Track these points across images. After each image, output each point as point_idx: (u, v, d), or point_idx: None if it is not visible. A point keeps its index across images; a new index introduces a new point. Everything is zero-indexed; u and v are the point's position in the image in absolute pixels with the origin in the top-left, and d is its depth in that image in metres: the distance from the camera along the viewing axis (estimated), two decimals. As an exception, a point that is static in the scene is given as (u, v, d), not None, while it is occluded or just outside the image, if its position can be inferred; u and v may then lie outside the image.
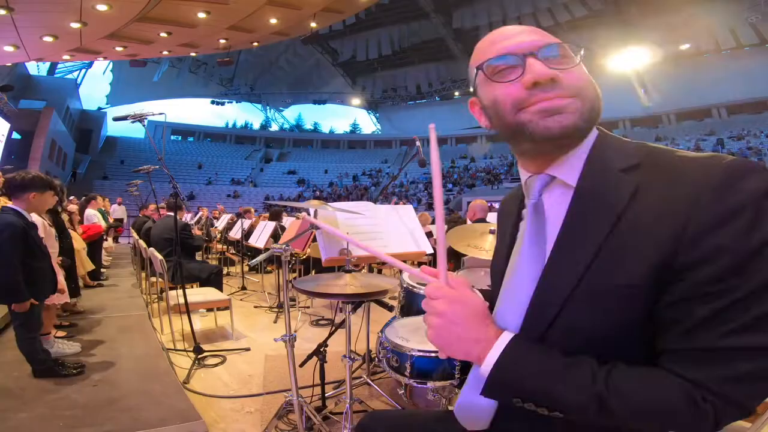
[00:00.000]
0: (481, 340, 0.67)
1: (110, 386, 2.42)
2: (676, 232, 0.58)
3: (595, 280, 0.64)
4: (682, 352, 0.60)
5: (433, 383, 1.63)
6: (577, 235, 0.67)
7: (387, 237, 2.35)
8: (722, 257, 0.56)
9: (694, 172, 0.60)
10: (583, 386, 0.61)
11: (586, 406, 0.61)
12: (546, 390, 0.63)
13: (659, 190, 0.62)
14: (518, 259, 0.77)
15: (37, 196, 2.53)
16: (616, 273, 0.62)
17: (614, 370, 0.61)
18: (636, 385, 0.60)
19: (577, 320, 0.65)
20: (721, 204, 0.57)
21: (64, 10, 9.45)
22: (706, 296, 0.57)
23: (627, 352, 0.64)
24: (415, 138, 2.82)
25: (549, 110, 0.65)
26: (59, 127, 22.96)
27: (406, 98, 37.18)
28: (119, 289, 5.40)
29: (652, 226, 0.60)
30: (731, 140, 21.84)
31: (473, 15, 27.81)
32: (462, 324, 0.67)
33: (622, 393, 0.59)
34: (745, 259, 0.56)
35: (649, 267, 0.60)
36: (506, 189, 23.90)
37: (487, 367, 0.65)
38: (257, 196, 27.68)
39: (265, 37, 14.39)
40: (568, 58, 0.68)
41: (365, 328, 2.71)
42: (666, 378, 0.59)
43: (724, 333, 0.57)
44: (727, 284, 0.56)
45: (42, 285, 2.48)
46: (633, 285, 0.61)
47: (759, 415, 1.03)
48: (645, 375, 0.61)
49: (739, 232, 0.56)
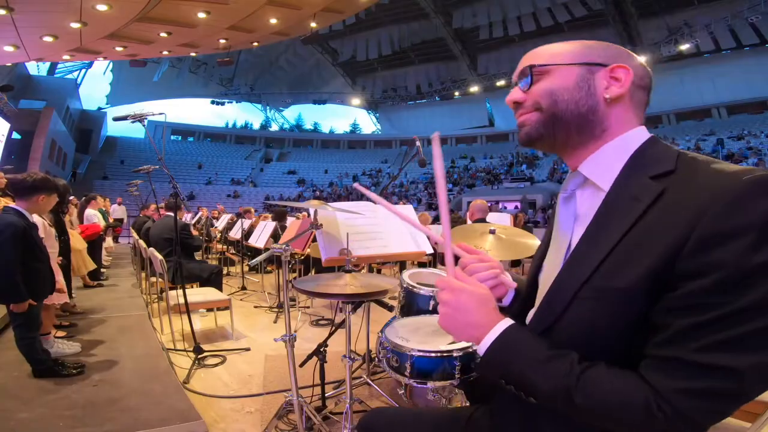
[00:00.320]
0: (482, 326, 0.73)
1: (110, 386, 2.42)
2: (678, 241, 0.60)
3: (600, 280, 0.67)
4: (656, 358, 0.62)
5: (433, 383, 1.63)
6: (596, 236, 0.70)
7: (387, 237, 2.36)
8: (714, 273, 0.57)
9: (715, 184, 0.61)
10: (556, 377, 0.65)
11: (555, 396, 0.65)
12: (524, 375, 0.69)
13: (678, 198, 0.63)
14: (549, 250, 0.86)
15: (45, 199, 2.55)
16: (620, 275, 0.65)
17: (592, 368, 0.65)
18: (603, 384, 0.63)
19: (580, 317, 0.69)
20: (726, 220, 0.58)
21: (64, 10, 9.44)
22: (690, 308, 0.59)
23: (621, 354, 0.65)
24: (415, 138, 2.82)
25: (518, 125, 0.80)
26: (59, 127, 22.94)
27: (406, 98, 37.15)
28: (119, 289, 5.40)
29: (661, 232, 0.62)
30: (731, 140, 21.80)
31: (473, 15, 27.77)
32: (465, 311, 0.75)
33: (587, 389, 0.63)
34: (735, 278, 0.56)
35: (648, 272, 0.62)
36: (506, 189, 23.89)
37: (482, 348, 0.73)
38: (257, 196, 27.67)
39: (265, 37, 14.39)
40: (539, 76, 0.76)
41: (365, 328, 2.72)
42: (634, 382, 0.62)
43: (696, 348, 0.58)
44: (712, 300, 0.58)
45: (41, 286, 2.48)
46: (631, 288, 0.63)
47: (759, 415, 1.03)
48: (616, 376, 0.63)
49: (736, 251, 0.56)
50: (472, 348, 0.79)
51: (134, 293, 5.11)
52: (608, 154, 0.73)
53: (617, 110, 0.74)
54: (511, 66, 29.54)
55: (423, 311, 2.16)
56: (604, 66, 0.73)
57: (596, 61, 0.73)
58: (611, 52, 0.75)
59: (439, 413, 1.06)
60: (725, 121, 25.11)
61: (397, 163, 33.63)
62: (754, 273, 0.56)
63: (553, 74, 0.75)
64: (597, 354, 0.66)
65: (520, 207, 21.29)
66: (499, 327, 0.73)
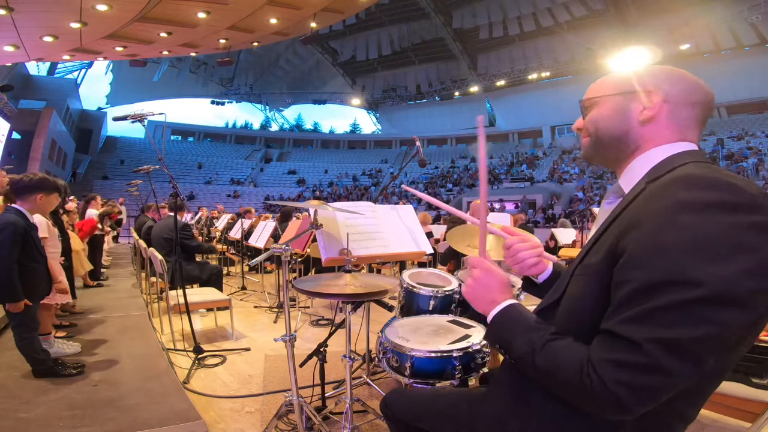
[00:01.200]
0: (494, 302, 0.90)
1: (110, 386, 2.42)
2: (626, 225, 0.72)
3: (587, 259, 0.81)
4: (601, 330, 0.71)
5: (433, 383, 1.63)
6: (598, 229, 0.83)
7: (387, 237, 2.35)
8: (629, 249, 0.68)
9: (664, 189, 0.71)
10: (528, 343, 0.79)
11: (524, 358, 0.79)
12: (509, 340, 0.84)
13: (645, 195, 0.74)
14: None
15: (44, 198, 2.55)
16: (595, 254, 0.78)
17: (557, 339, 0.77)
18: (559, 350, 0.74)
19: (573, 291, 0.82)
20: (646, 207, 0.70)
21: (64, 10, 9.44)
22: (618, 284, 0.69)
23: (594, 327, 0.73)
24: (415, 138, 2.82)
25: (581, 146, 0.98)
26: (59, 127, 22.94)
27: (406, 98, 37.11)
28: (119, 289, 5.40)
29: (624, 218, 0.75)
30: (731, 140, 21.82)
31: (473, 15, 27.74)
32: (488, 288, 0.91)
33: (547, 353, 0.75)
34: (643, 256, 0.66)
35: (608, 248, 0.74)
36: (506, 189, 23.90)
37: (489, 318, 0.90)
38: (257, 196, 27.67)
39: (265, 37, 14.38)
40: (589, 107, 0.92)
41: (365, 328, 2.72)
42: (580, 351, 0.71)
43: (618, 320, 0.67)
44: (627, 276, 0.67)
45: (36, 286, 2.48)
46: (599, 262, 0.75)
47: (759, 415, 1.04)
48: (570, 346, 0.74)
49: (649, 230, 0.67)
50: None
51: (134, 293, 5.11)
52: (636, 166, 0.85)
53: (650, 129, 0.84)
54: (511, 66, 29.57)
55: (423, 311, 2.16)
56: (643, 92, 0.84)
57: (631, 90, 0.85)
58: (654, 78, 0.84)
59: (455, 392, 1.18)
60: (725, 121, 25.10)
61: (397, 163, 33.63)
62: (662, 249, 0.64)
63: (599, 105, 0.90)
64: (587, 327, 0.74)
65: (520, 206, 21.29)
66: (504, 304, 0.88)
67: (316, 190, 28.91)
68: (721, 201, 0.64)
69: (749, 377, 1.55)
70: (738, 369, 1.57)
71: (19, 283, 2.30)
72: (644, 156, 0.84)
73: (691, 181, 0.68)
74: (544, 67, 28.38)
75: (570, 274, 0.84)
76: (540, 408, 0.85)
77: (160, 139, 26.91)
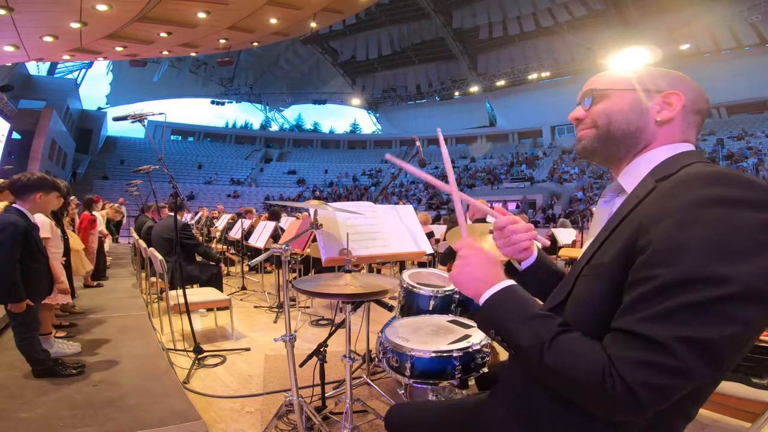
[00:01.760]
0: (486, 282, 0.84)
1: (110, 386, 2.42)
2: (641, 222, 0.70)
3: (596, 259, 0.78)
4: (613, 329, 0.68)
5: (433, 383, 1.63)
6: (606, 227, 0.82)
7: (387, 237, 2.35)
8: (650, 247, 0.65)
9: (674, 185, 0.71)
10: (534, 335, 0.73)
11: (530, 353, 0.73)
12: (509, 329, 0.78)
13: (656, 194, 0.73)
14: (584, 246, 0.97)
15: (43, 197, 2.54)
16: (607, 253, 0.75)
17: (567, 332, 0.72)
18: (573, 348, 0.70)
19: (581, 291, 0.80)
20: (663, 204, 0.68)
21: (64, 10, 9.43)
22: (635, 282, 0.67)
23: (604, 327, 0.71)
24: (415, 138, 2.82)
25: (577, 139, 0.93)
26: (59, 127, 22.94)
27: (406, 98, 37.09)
28: (119, 289, 5.40)
29: (638, 215, 0.73)
30: (731, 140, 21.80)
31: (473, 15, 27.72)
32: (477, 266, 0.86)
33: (558, 350, 0.70)
34: (670, 252, 0.63)
35: (623, 246, 0.72)
36: (506, 189, 23.89)
37: (482, 301, 0.83)
38: (257, 196, 27.66)
39: (265, 37, 14.37)
40: (599, 98, 0.88)
41: (365, 328, 2.72)
42: (598, 349, 0.68)
43: (637, 319, 0.64)
44: (646, 274, 0.65)
45: (38, 286, 2.49)
46: (612, 262, 0.73)
47: (759, 415, 1.04)
48: (584, 343, 0.70)
49: (670, 227, 0.64)
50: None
51: (134, 293, 5.11)
52: (640, 164, 0.84)
53: (665, 130, 0.84)
54: (511, 66, 29.57)
55: (423, 311, 2.16)
56: (659, 92, 0.83)
57: (651, 88, 0.84)
58: (667, 80, 0.85)
59: (450, 402, 1.16)
60: (725, 121, 25.09)
61: (397, 163, 33.54)
62: (683, 247, 0.62)
63: (612, 97, 0.87)
64: (596, 327, 0.72)
65: (520, 206, 21.29)
66: (501, 284, 0.83)
67: (316, 190, 28.91)
68: (744, 197, 0.63)
69: (749, 377, 1.55)
70: (738, 369, 1.57)
71: (21, 284, 2.30)
72: (648, 155, 0.84)
73: (712, 178, 0.66)
74: (544, 67, 28.38)
75: (576, 275, 0.81)
76: (541, 411, 0.83)
77: (160, 139, 26.91)
